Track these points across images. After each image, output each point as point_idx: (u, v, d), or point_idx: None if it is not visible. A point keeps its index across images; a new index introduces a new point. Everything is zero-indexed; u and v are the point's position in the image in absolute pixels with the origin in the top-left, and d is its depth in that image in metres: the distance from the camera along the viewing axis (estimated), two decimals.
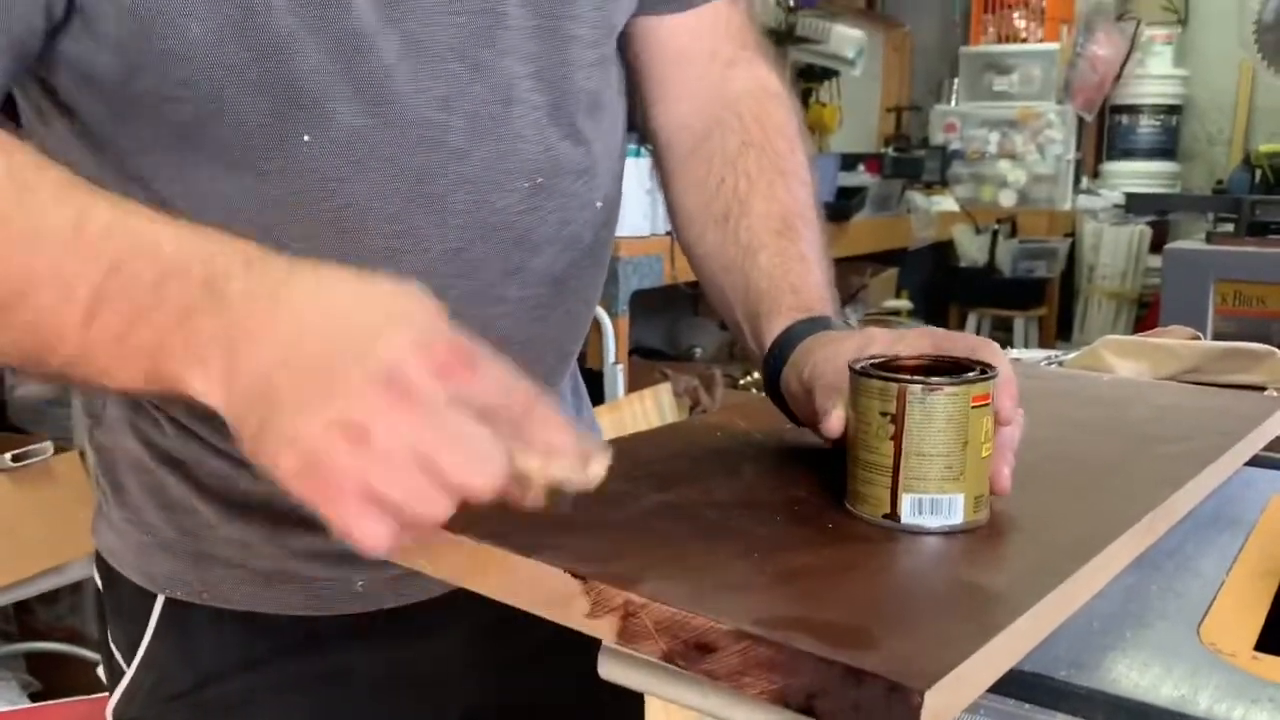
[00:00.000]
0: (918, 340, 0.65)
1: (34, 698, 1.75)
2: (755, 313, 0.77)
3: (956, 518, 0.57)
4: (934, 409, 0.57)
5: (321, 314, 0.48)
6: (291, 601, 0.76)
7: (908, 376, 0.58)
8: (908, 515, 0.58)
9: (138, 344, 0.50)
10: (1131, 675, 0.50)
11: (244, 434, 0.48)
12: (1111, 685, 0.49)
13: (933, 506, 0.57)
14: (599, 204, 0.78)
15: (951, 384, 0.58)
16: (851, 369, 0.60)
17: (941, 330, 0.67)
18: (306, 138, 0.64)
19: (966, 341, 0.65)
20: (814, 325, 0.72)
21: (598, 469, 0.50)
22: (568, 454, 0.49)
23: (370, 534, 0.45)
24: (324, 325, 0.47)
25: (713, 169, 0.83)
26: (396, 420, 0.45)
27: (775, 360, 0.73)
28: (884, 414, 0.57)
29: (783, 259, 0.77)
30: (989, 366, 0.61)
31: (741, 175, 0.82)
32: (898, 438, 0.57)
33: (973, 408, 0.57)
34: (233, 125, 0.63)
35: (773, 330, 0.74)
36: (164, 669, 0.77)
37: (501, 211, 0.71)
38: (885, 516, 0.58)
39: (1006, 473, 0.62)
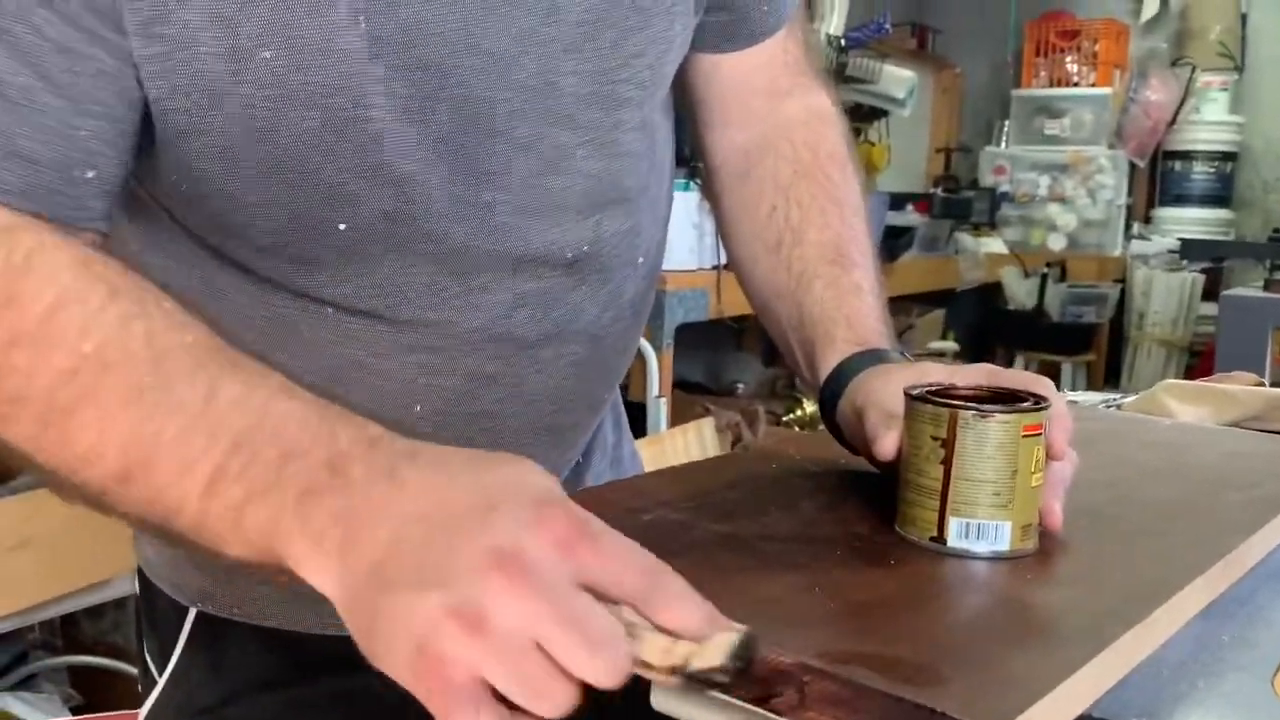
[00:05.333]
0: (973, 374, 0.66)
1: (75, 711, 1.76)
2: (809, 343, 0.76)
3: (1003, 544, 0.58)
4: (985, 435, 0.58)
5: (438, 493, 0.46)
6: (325, 621, 0.75)
7: (960, 402, 0.59)
8: (954, 539, 0.58)
9: (254, 521, 0.49)
10: None
11: (355, 626, 0.45)
12: None
13: (979, 532, 0.58)
14: (640, 259, 0.77)
15: (1003, 411, 0.58)
16: (907, 393, 0.61)
17: (997, 367, 0.67)
18: (342, 226, 0.64)
19: (1021, 377, 0.65)
20: (869, 358, 0.72)
21: (725, 649, 0.42)
22: (695, 634, 0.42)
23: None
24: (439, 504, 0.45)
25: (764, 196, 0.82)
26: (513, 601, 0.41)
27: (831, 392, 0.73)
28: (935, 438, 0.59)
29: (836, 289, 0.77)
30: (1042, 399, 0.61)
31: (794, 204, 0.81)
32: (948, 462, 0.58)
33: (1023, 437, 0.58)
34: (264, 219, 0.63)
35: (828, 362, 0.74)
36: (192, 683, 0.77)
37: (543, 279, 0.70)
38: (932, 539, 0.59)
39: (1057, 508, 0.62)
